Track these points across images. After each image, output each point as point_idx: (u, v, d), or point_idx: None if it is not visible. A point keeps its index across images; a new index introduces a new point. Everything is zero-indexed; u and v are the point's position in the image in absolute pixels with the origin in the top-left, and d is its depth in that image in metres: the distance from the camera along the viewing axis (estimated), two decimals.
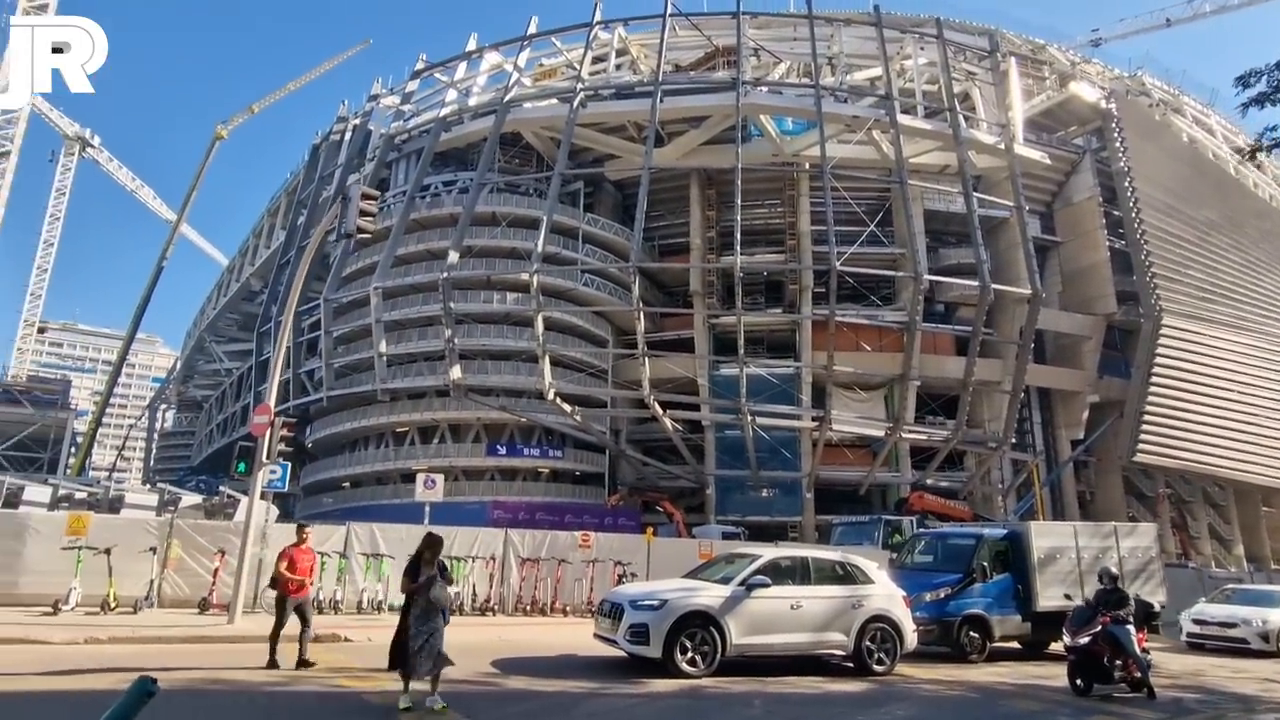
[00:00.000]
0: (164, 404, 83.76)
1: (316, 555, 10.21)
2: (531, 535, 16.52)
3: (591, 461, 44.93)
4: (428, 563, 7.44)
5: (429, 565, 7.42)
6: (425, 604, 7.18)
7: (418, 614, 7.16)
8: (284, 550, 9.73)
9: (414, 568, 7.48)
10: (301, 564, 9.55)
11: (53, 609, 11.60)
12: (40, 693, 7.21)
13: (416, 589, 7.28)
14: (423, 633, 7.07)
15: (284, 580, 9.30)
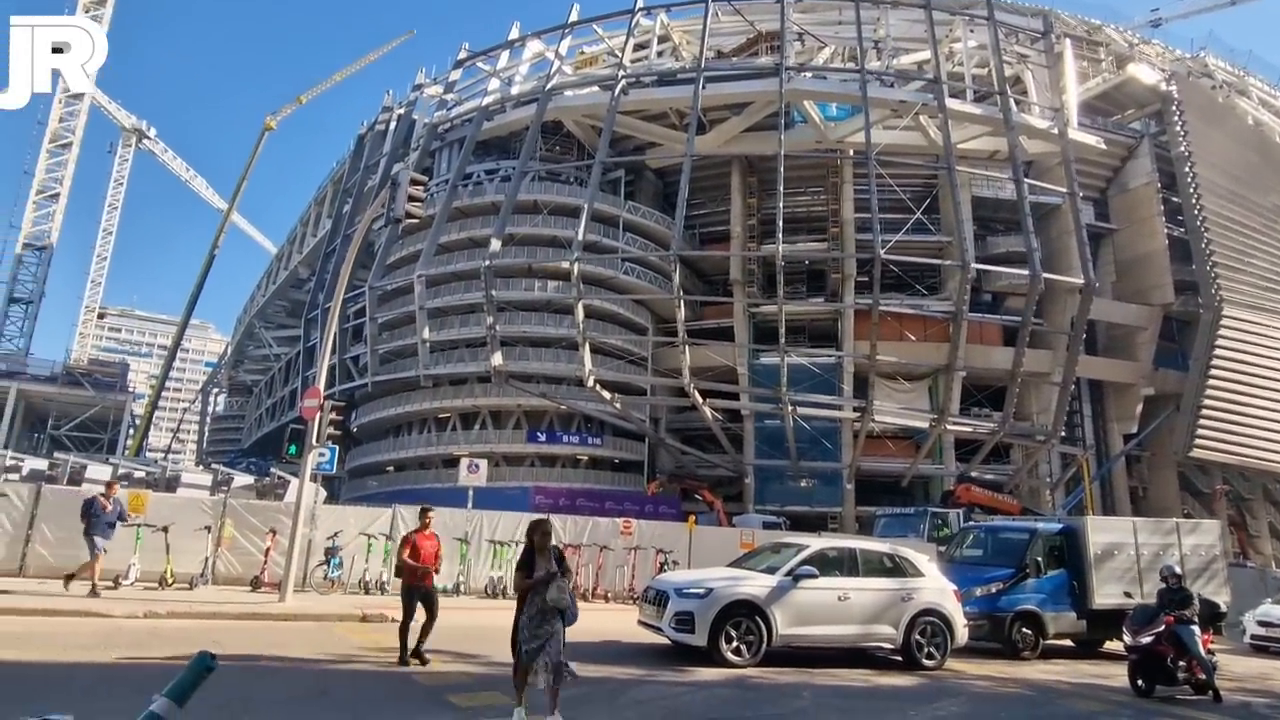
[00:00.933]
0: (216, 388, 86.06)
1: (439, 540, 9.19)
2: (573, 521, 16.51)
3: (631, 449, 45.00)
4: (542, 553, 6.28)
5: (544, 556, 6.26)
6: (541, 604, 6.02)
7: (532, 615, 6.06)
8: (406, 536, 8.99)
9: (527, 561, 6.32)
10: (426, 550, 8.76)
11: (113, 583, 11.92)
12: (103, 665, 7.36)
13: (531, 586, 6.13)
14: (537, 638, 5.98)
15: (408, 568, 8.60)
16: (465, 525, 15.06)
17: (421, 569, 8.61)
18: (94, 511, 11.79)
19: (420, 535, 8.84)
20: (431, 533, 9.03)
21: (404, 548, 8.73)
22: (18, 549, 12.64)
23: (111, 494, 12.43)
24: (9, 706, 5.17)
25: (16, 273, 54.34)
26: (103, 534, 11.72)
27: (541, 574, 6.10)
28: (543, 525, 6.45)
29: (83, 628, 9.01)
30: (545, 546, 6.27)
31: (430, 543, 8.86)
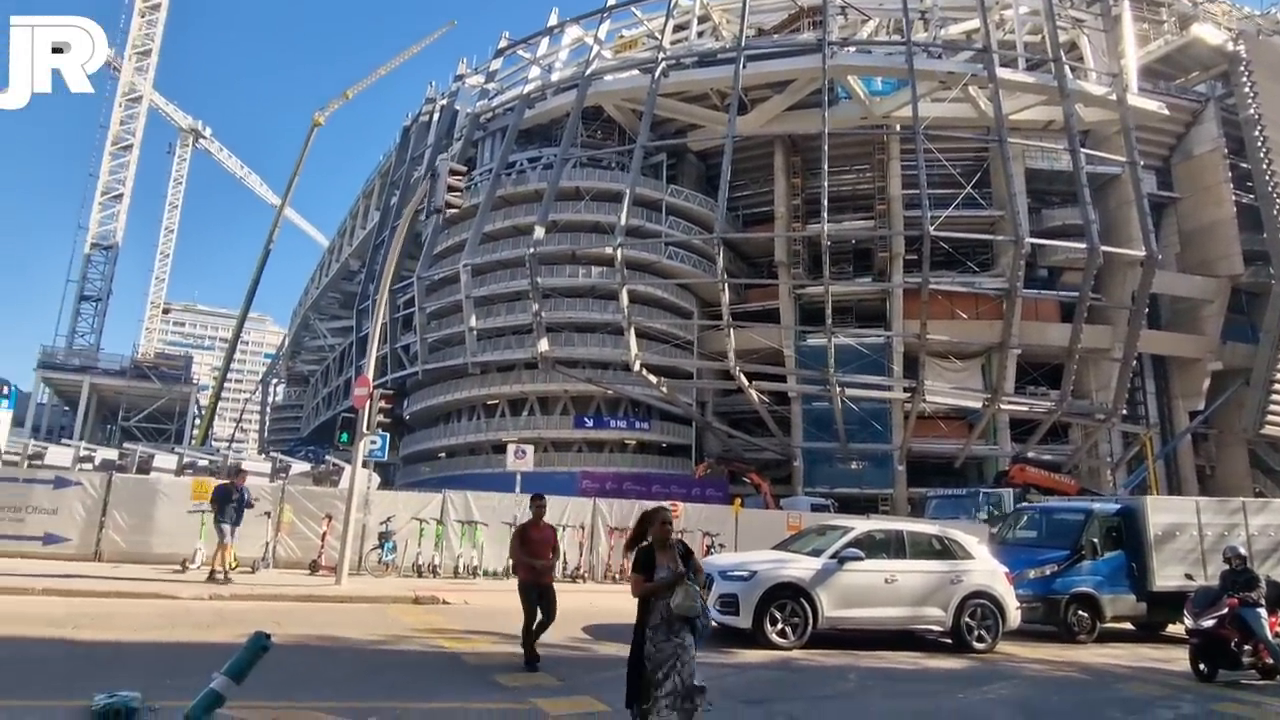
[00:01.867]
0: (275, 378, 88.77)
1: (556, 531, 8.33)
2: (619, 505, 16.62)
3: (677, 433, 45.08)
4: (664, 549, 5.06)
5: (666, 553, 5.04)
6: (666, 613, 4.82)
7: (655, 627, 4.85)
8: (519, 528, 8.22)
9: (646, 561, 5.07)
10: (538, 543, 7.85)
11: (181, 567, 12.47)
12: (170, 644, 7.73)
13: (654, 591, 4.91)
14: (665, 654, 4.75)
15: (522, 565, 7.75)
16: (514, 510, 15.30)
17: (537, 564, 7.72)
18: (224, 498, 12.11)
19: (533, 527, 7.99)
20: (546, 523, 8.14)
21: (515, 541, 7.97)
22: (92, 535, 13.28)
23: (240, 482, 12.76)
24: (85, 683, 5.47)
25: (86, 271, 56.76)
26: (232, 521, 12.04)
27: (666, 575, 4.91)
28: (661, 514, 5.22)
29: (153, 608, 9.45)
30: (667, 540, 5.10)
31: (544, 534, 7.96)
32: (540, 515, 8.08)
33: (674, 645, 4.76)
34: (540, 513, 8.10)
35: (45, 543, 12.94)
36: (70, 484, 13.67)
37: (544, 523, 8.08)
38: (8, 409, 10.07)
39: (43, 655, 7.04)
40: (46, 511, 13.15)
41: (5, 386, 9.92)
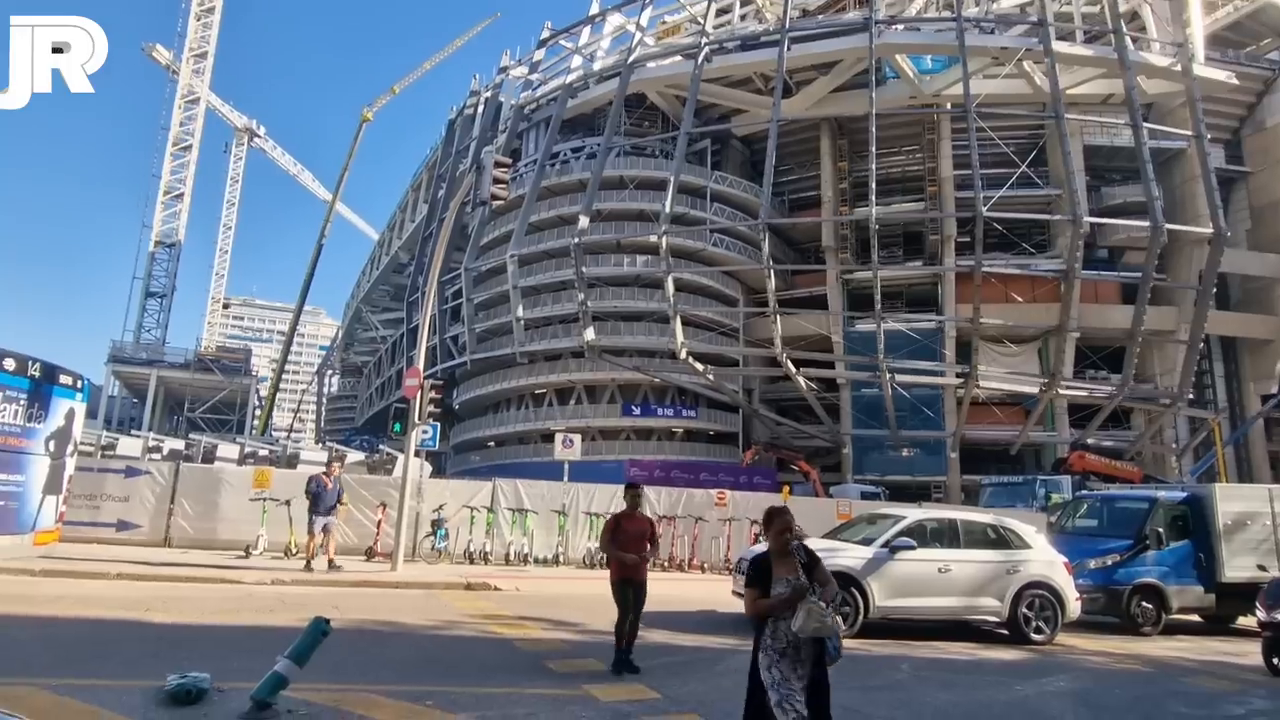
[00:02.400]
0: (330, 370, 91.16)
1: (653, 523, 7.51)
2: (668, 493, 16.67)
3: (725, 421, 44.95)
4: (783, 558, 4.25)
5: (786, 562, 4.22)
6: (789, 636, 4.02)
7: (780, 651, 4.06)
8: (610, 519, 7.50)
9: (761, 572, 4.24)
10: (632, 536, 7.08)
11: (244, 553, 12.91)
12: (236, 627, 8.04)
13: (772, 609, 4.11)
14: (789, 686, 3.99)
15: (614, 559, 7.09)
16: (562, 498, 15.47)
17: (628, 558, 6.99)
18: (316, 490, 12.21)
19: (627, 518, 7.29)
20: (642, 514, 7.54)
21: (607, 534, 7.30)
22: (162, 522, 13.84)
23: (333, 474, 12.85)
24: (158, 664, 5.72)
25: (151, 269, 59.08)
26: (324, 514, 12.17)
27: (785, 591, 4.09)
28: (783, 517, 4.40)
29: (219, 592, 9.83)
30: (787, 548, 4.27)
31: (639, 526, 7.24)
32: (636, 505, 7.52)
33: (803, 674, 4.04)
34: (636, 503, 7.53)
35: (118, 529, 13.54)
36: (140, 473, 14.26)
37: (640, 514, 7.51)
38: (82, 401, 10.47)
39: (119, 636, 7.38)
40: (119, 499, 13.74)
41: (79, 380, 10.32)
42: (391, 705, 5.22)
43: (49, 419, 9.60)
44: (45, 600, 8.63)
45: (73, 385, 10.13)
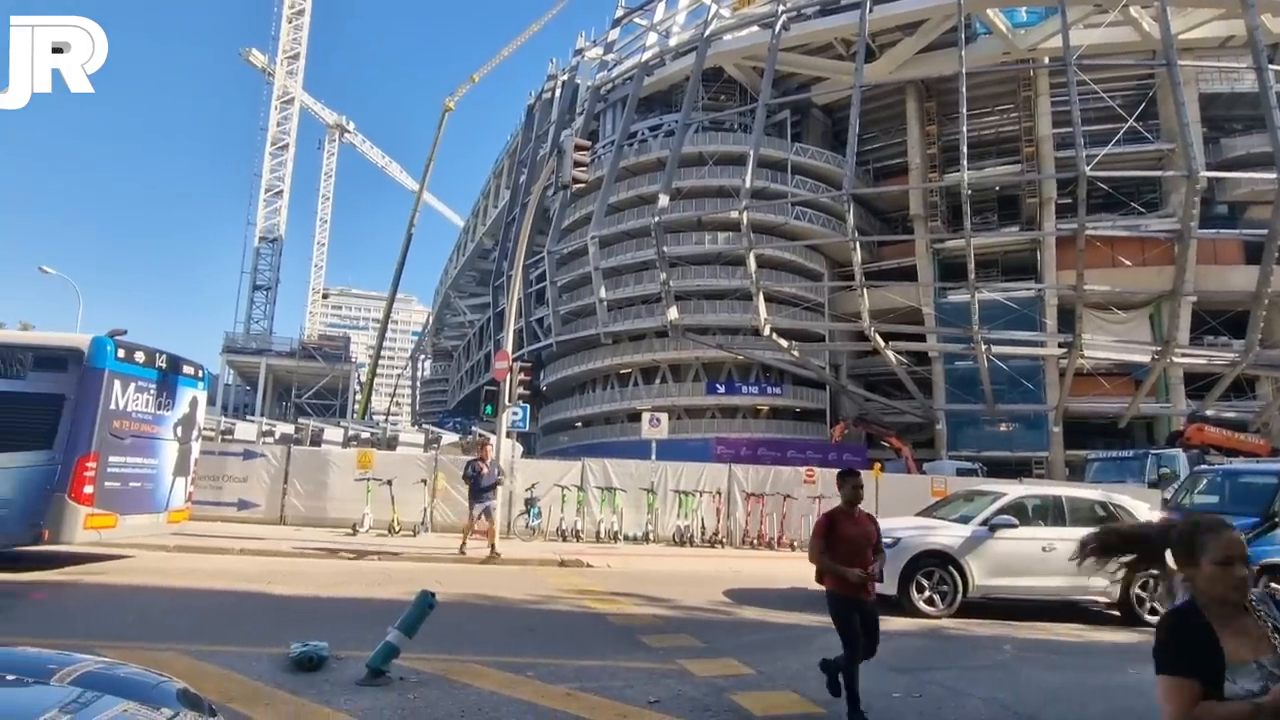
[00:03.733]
0: (422, 355, 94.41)
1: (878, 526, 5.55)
2: (755, 470, 16.61)
3: (811, 398, 44.31)
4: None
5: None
6: None
7: None
8: (821, 520, 5.51)
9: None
10: (853, 543, 5.26)
11: (352, 530, 13.69)
12: (348, 599, 8.55)
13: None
14: None
15: (827, 576, 5.30)
16: (651, 476, 15.65)
17: (855, 574, 5.12)
18: (473, 474, 11.78)
19: (845, 517, 5.39)
20: (864, 513, 5.54)
21: (818, 539, 5.31)
22: (277, 501, 14.79)
23: (487, 456, 12.21)
24: (281, 631, 6.17)
25: (256, 264, 62.43)
26: (482, 500, 11.71)
27: None
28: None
29: (331, 567, 10.45)
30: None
31: (862, 529, 5.38)
32: (856, 500, 5.45)
33: None
34: (856, 496, 5.46)
35: (239, 508, 14.56)
36: (256, 456, 15.25)
37: (861, 511, 5.48)
38: (204, 389, 11.25)
39: (245, 606, 7.98)
40: (238, 480, 14.77)
41: (200, 370, 11.08)
42: (495, 675, 5.45)
43: (176, 407, 10.35)
44: (180, 573, 9.39)
45: (195, 375, 10.87)
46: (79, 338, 9.57)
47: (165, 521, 10.30)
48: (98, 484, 8.91)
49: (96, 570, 9.41)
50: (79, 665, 2.51)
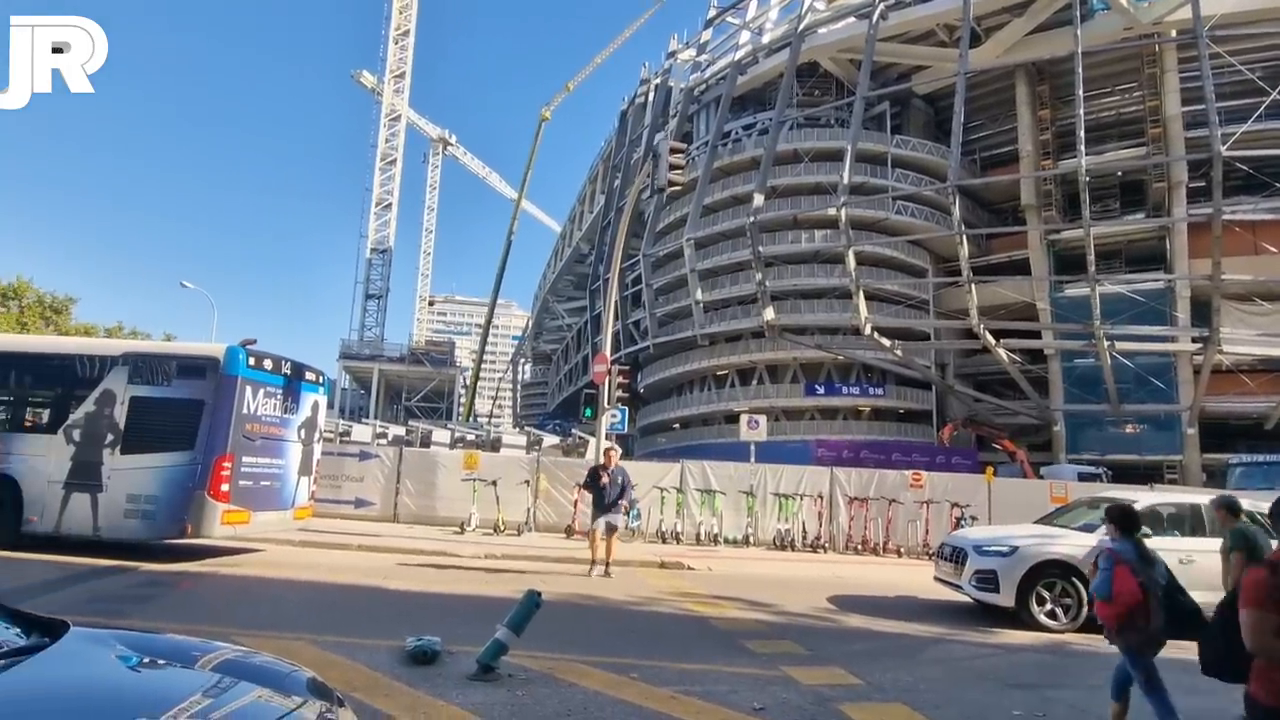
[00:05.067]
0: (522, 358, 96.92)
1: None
2: (858, 473, 16.17)
3: (916, 399, 42.85)
4: None
5: None
6: None
7: None
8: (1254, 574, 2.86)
9: None
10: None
11: (460, 529, 14.20)
12: (457, 595, 8.85)
13: None
14: None
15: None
16: (750, 479, 15.49)
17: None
18: (591, 483, 10.68)
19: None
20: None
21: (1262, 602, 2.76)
22: (390, 500, 15.51)
23: (610, 462, 10.76)
24: (397, 625, 6.45)
25: (369, 273, 65.78)
26: (605, 512, 10.37)
27: None
28: None
29: (441, 565, 10.85)
30: None
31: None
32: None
33: None
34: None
35: (355, 506, 15.34)
36: (371, 456, 16.04)
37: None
38: (324, 394, 11.93)
39: (364, 600, 8.39)
40: (355, 480, 15.57)
41: (321, 376, 11.76)
42: (599, 675, 5.50)
43: (300, 410, 11.02)
44: (304, 567, 9.99)
45: (316, 380, 11.55)
46: (215, 347, 10.35)
47: (291, 518, 10.98)
48: (233, 482, 9.61)
49: (232, 563, 10.11)
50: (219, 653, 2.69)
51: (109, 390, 9.84)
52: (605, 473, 10.48)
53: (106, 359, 10.10)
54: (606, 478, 10.41)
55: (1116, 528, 4.71)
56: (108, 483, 9.57)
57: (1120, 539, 4.61)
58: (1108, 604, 4.44)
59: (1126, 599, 4.38)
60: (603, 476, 10.43)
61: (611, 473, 10.49)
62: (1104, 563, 4.52)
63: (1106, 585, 4.40)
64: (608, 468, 10.58)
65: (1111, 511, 4.82)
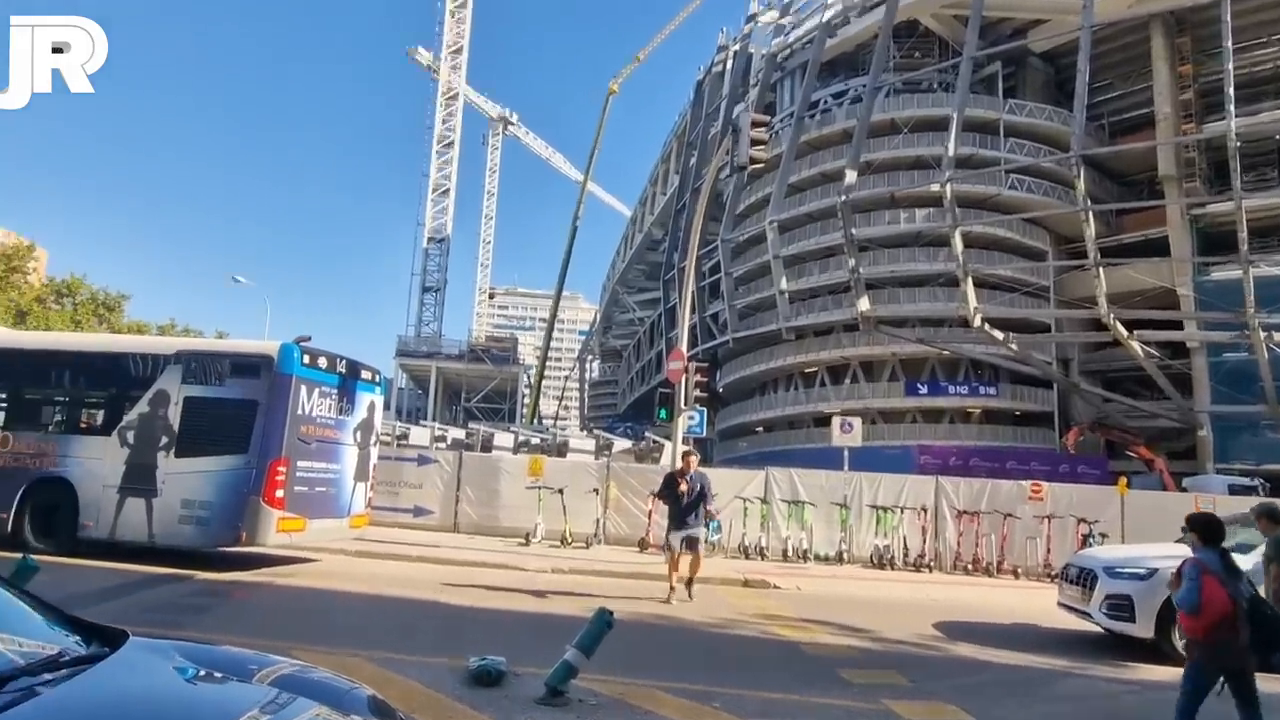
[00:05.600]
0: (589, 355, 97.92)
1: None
2: (967, 484, 15.69)
3: (1034, 399, 41.49)
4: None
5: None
6: None
7: None
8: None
9: None
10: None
11: (525, 541, 14.44)
12: (522, 613, 9.02)
13: None
14: None
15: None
16: (843, 489, 15.24)
17: None
18: (671, 492, 10.19)
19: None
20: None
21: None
22: (450, 508, 15.90)
23: (688, 467, 10.38)
24: (457, 642, 6.61)
25: (426, 265, 67.49)
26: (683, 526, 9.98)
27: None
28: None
29: (507, 577, 11.06)
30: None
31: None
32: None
33: None
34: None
35: (414, 515, 15.81)
36: (430, 461, 16.50)
37: None
38: (380, 394, 12.32)
39: (423, 615, 8.64)
40: (413, 486, 16.05)
41: (377, 375, 12.15)
42: (675, 703, 5.50)
43: (355, 411, 11.43)
44: (362, 579, 10.34)
45: (372, 379, 11.95)
46: (269, 345, 10.81)
47: (348, 526, 11.40)
48: (288, 488, 10.03)
49: (287, 572, 10.56)
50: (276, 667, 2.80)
51: (163, 390, 10.40)
52: (683, 479, 10.11)
53: (160, 357, 10.67)
54: (685, 485, 10.04)
55: (1199, 537, 4.81)
56: (162, 487, 10.11)
57: (1203, 549, 4.70)
58: (1195, 616, 4.55)
59: (1216, 610, 4.48)
60: (680, 483, 10.05)
61: (690, 479, 10.12)
62: (1190, 572, 4.59)
63: (1194, 596, 4.48)
64: (686, 474, 10.23)
65: (1193, 520, 5.01)
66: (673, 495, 10.10)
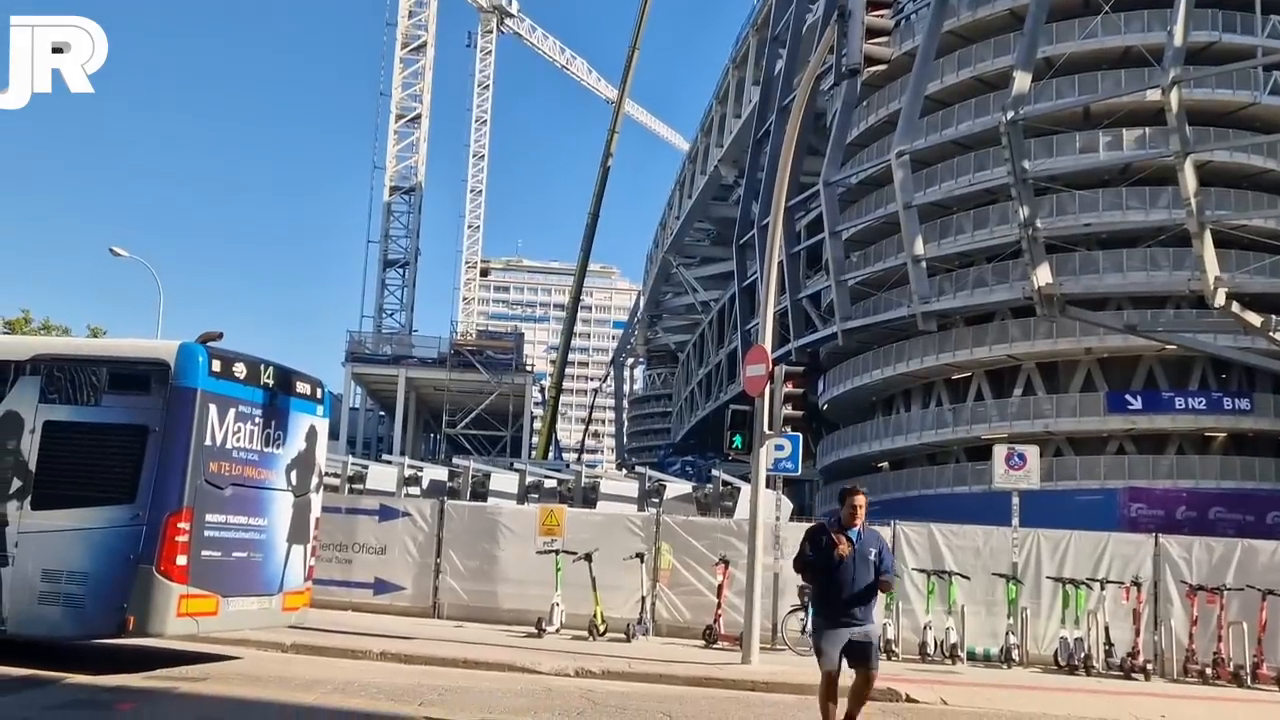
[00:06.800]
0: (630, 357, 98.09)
1: None
2: (1204, 546, 15.48)
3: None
4: None
5: None
6: None
7: None
8: None
9: None
10: None
11: (536, 630, 14.55)
12: None
13: None
14: None
15: None
16: (1012, 553, 15.10)
17: None
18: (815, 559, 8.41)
19: None
20: None
21: None
22: (427, 582, 16.11)
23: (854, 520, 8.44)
24: None
25: (388, 227, 67.70)
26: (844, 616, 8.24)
27: None
28: None
29: (511, 684, 11.18)
30: None
31: None
32: None
33: None
34: None
35: (376, 591, 16.11)
36: (398, 514, 16.77)
37: None
38: (323, 416, 12.47)
39: None
40: (374, 550, 16.35)
41: (319, 389, 12.27)
42: None
43: (289, 441, 11.58)
44: (302, 685, 10.51)
45: (312, 395, 12.09)
46: (163, 345, 11.04)
47: (280, 608, 11.57)
48: (193, 553, 10.11)
49: (194, 675, 10.77)
50: None
51: (12, 412, 10.54)
52: (843, 538, 8.32)
53: (9, 365, 10.80)
54: (846, 547, 8.27)
55: None
56: (14, 552, 10.19)
57: None
58: None
59: None
60: (839, 545, 8.25)
61: (857, 540, 8.38)
62: None
63: None
64: (847, 530, 8.47)
65: None
66: (826, 564, 8.39)
